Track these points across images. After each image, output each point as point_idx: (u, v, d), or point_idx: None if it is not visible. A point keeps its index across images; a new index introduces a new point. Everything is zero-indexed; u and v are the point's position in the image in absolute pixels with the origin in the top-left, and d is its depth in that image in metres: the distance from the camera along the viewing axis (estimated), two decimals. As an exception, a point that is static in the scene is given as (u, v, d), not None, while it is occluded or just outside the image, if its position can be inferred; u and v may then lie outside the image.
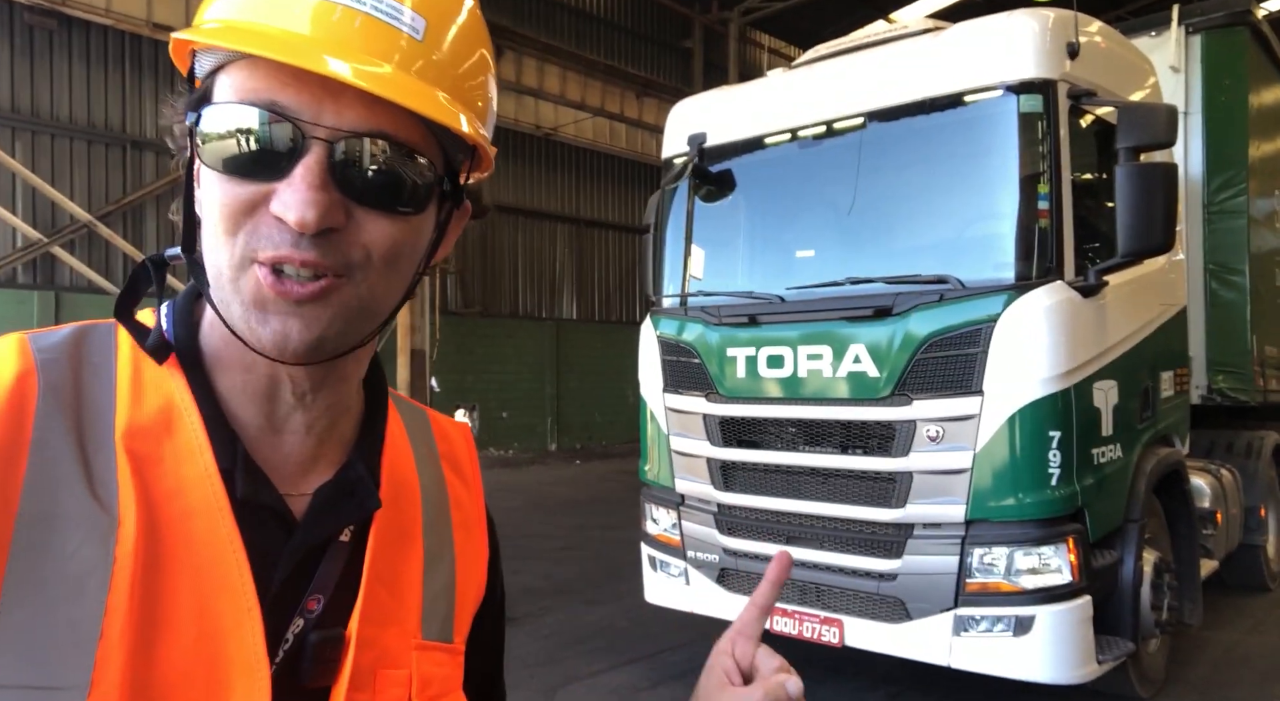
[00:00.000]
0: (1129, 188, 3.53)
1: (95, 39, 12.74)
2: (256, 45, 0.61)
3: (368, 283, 0.67)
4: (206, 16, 0.67)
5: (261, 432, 0.72)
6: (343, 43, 0.63)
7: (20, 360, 0.66)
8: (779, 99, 4.48)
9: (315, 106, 0.62)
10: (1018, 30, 3.71)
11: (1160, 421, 4.46)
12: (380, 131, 0.64)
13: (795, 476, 4.24)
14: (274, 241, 0.63)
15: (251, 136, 0.63)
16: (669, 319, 4.78)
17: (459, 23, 0.70)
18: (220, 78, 0.66)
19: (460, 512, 0.87)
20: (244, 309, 0.65)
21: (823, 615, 4.09)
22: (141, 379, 0.69)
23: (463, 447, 0.92)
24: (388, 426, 0.81)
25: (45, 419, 0.64)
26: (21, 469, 0.62)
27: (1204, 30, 5.80)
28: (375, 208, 0.65)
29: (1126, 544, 3.99)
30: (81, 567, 0.61)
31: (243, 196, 0.64)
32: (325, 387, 0.74)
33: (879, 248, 4.12)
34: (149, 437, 0.66)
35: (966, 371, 3.67)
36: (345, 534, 0.74)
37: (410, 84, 0.64)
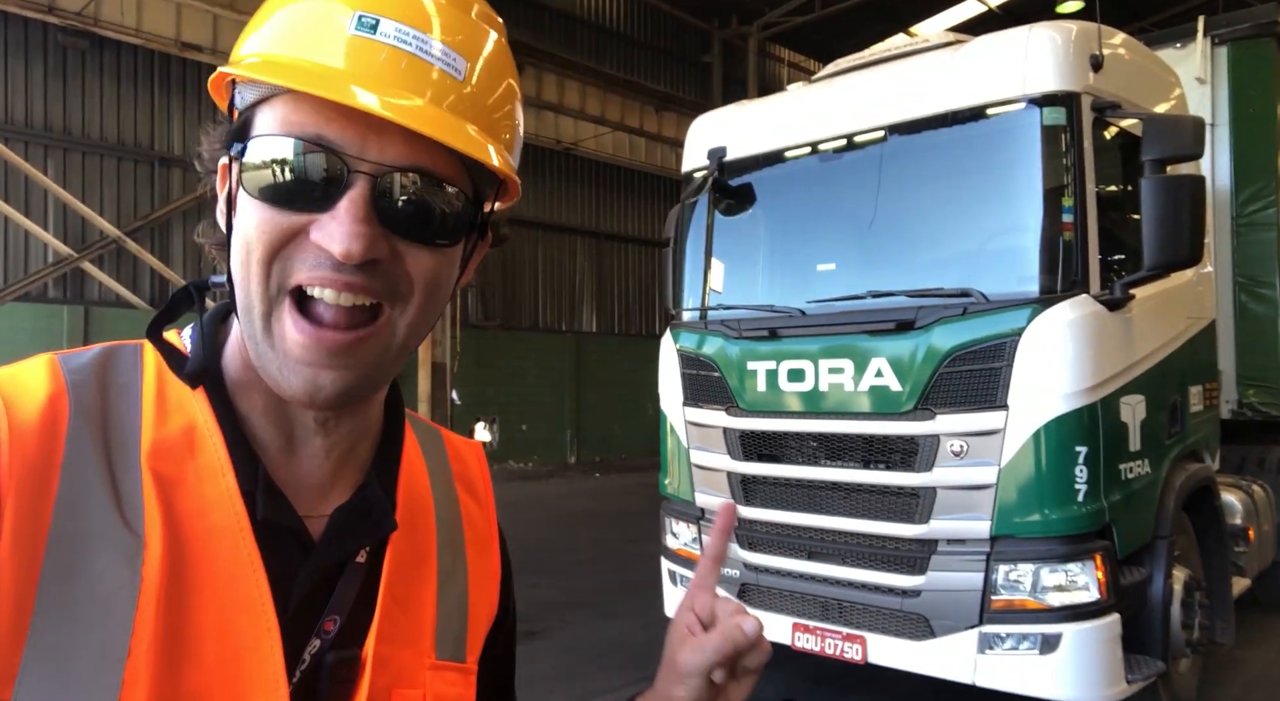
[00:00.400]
0: (1155, 200, 3.49)
1: (125, 58, 13.00)
2: (300, 81, 0.62)
3: (408, 316, 0.68)
4: (246, 50, 0.68)
5: (282, 454, 0.73)
6: (378, 78, 0.64)
7: (52, 381, 0.67)
8: (799, 113, 4.48)
9: (359, 141, 0.64)
10: (1040, 43, 3.69)
11: (1189, 436, 4.39)
12: (420, 166, 0.65)
13: (817, 491, 4.21)
14: (310, 264, 0.64)
15: (295, 168, 0.64)
16: (689, 332, 4.77)
17: (486, 55, 0.71)
18: (262, 111, 0.67)
19: (473, 531, 0.88)
20: (274, 353, 0.66)
21: (845, 631, 4.04)
22: (166, 400, 0.70)
23: (475, 467, 0.93)
24: (404, 447, 0.82)
25: (76, 439, 0.65)
26: (54, 490, 0.62)
27: (1230, 42, 5.74)
28: (415, 240, 0.66)
29: (1156, 561, 3.92)
30: (110, 588, 0.61)
31: (283, 225, 0.65)
32: (347, 414, 0.74)
33: (900, 261, 4.10)
34: (173, 458, 0.67)
35: (991, 386, 3.64)
36: (361, 555, 0.74)
37: (444, 119, 0.65)
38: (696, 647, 0.78)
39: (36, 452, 0.63)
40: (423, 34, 0.66)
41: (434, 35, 0.67)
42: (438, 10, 0.68)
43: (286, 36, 0.66)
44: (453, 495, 0.87)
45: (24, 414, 0.64)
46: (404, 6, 0.67)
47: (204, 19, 13.29)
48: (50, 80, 12.37)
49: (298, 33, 0.66)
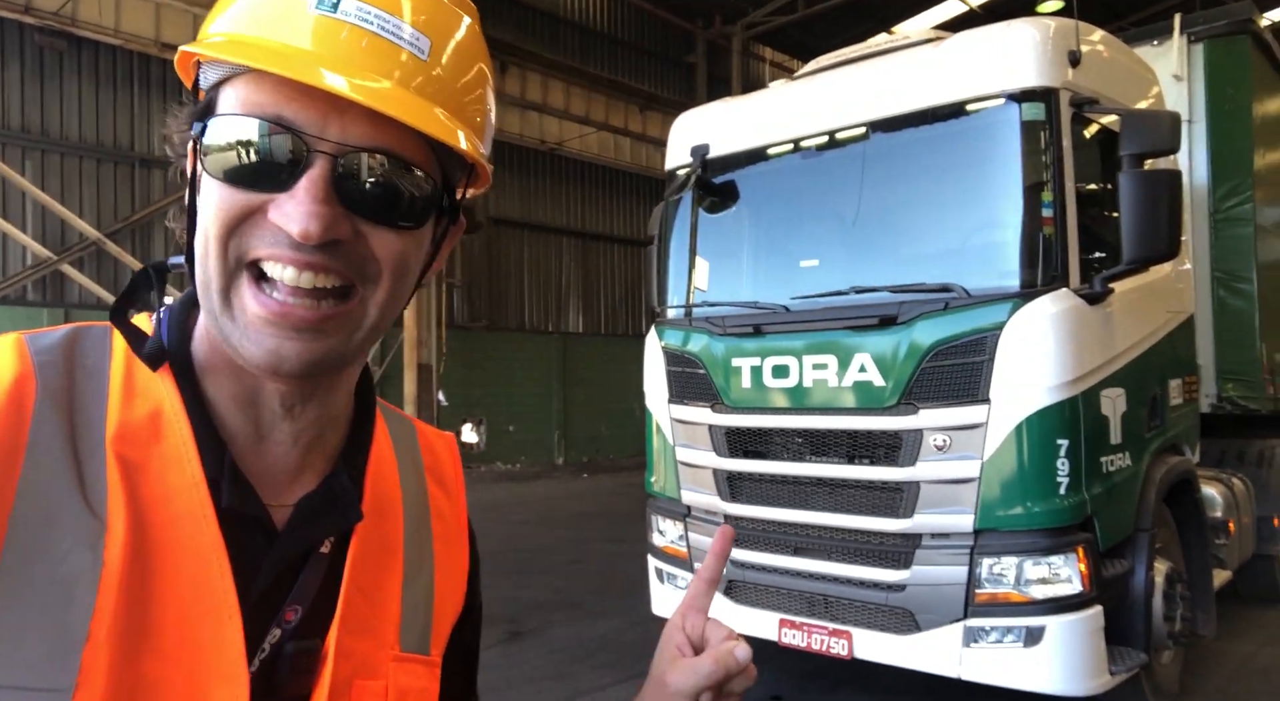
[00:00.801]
0: (1133, 195, 3.52)
1: (104, 59, 12.89)
2: (262, 60, 0.62)
3: (376, 299, 0.68)
4: (211, 30, 0.68)
5: (248, 441, 0.72)
6: (345, 59, 0.63)
7: (19, 362, 0.66)
8: (781, 110, 4.50)
9: (320, 121, 0.63)
10: (1019, 39, 3.72)
11: (1169, 429, 4.43)
12: (383, 147, 0.64)
13: (802, 487, 4.22)
14: (268, 242, 0.64)
15: (255, 148, 0.64)
16: (674, 330, 4.78)
17: (458, 39, 0.71)
18: (225, 90, 0.67)
19: (442, 525, 0.87)
20: (235, 327, 0.66)
21: (831, 627, 4.06)
22: (133, 384, 0.69)
23: (447, 459, 0.92)
24: (374, 437, 0.81)
25: (41, 422, 0.64)
26: (18, 472, 0.62)
27: (1206, 39, 5.79)
28: (378, 221, 0.66)
29: (1137, 553, 3.95)
30: (71, 571, 0.61)
31: (240, 203, 0.64)
32: (314, 399, 0.74)
33: (883, 257, 4.12)
34: (138, 443, 0.66)
35: (973, 380, 3.66)
36: (326, 545, 0.74)
37: (411, 101, 0.65)
38: (688, 670, 0.78)
39: (2, 435, 0.62)
40: (389, 15, 0.66)
41: (403, 18, 0.66)
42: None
43: (251, 16, 0.66)
44: (422, 487, 0.87)
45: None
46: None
47: (183, 19, 13.19)
48: (28, 81, 12.24)
49: (262, 13, 0.65)
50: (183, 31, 13.16)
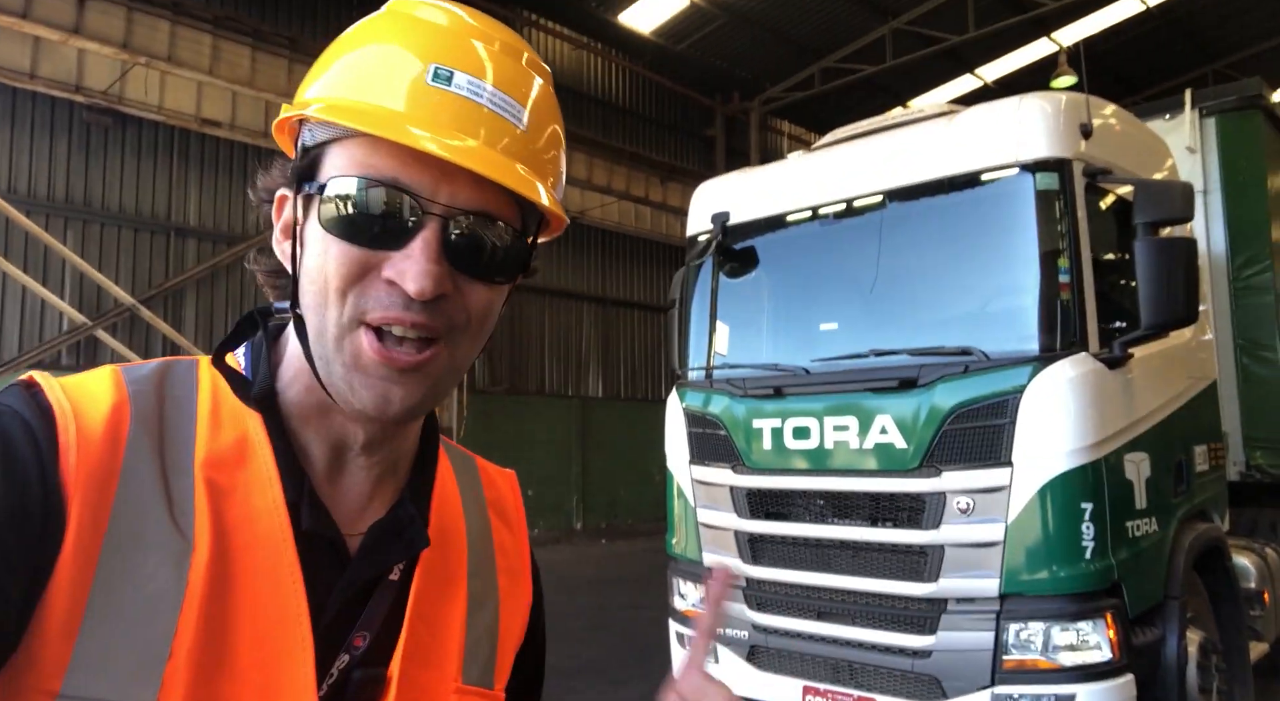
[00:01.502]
0: (1149, 262, 3.58)
1: (146, 134, 13.42)
2: (381, 127, 0.67)
3: (463, 346, 0.74)
4: (314, 93, 0.73)
5: (326, 472, 0.76)
6: (447, 125, 0.69)
7: (115, 391, 0.70)
8: (799, 179, 4.63)
9: (432, 185, 0.69)
10: (1032, 112, 3.84)
11: (1196, 496, 4.39)
12: (486, 210, 0.71)
13: (825, 549, 4.20)
14: (383, 303, 0.69)
15: (375, 208, 0.68)
16: (695, 391, 4.83)
17: (533, 100, 0.76)
18: (333, 150, 0.72)
19: (505, 559, 0.90)
20: (346, 370, 0.70)
21: (856, 694, 3.99)
22: (220, 413, 0.73)
23: (509, 495, 0.96)
24: (438, 470, 0.86)
25: (135, 446, 0.68)
26: (113, 493, 0.65)
27: (1217, 113, 5.93)
28: (477, 277, 0.72)
29: (1168, 621, 3.88)
30: (157, 589, 0.64)
31: (358, 260, 0.69)
32: (393, 438, 0.78)
33: (902, 320, 4.18)
34: (225, 467, 0.70)
35: (995, 442, 3.67)
36: (395, 572, 0.77)
37: (505, 164, 0.70)
38: None
39: (100, 458, 0.66)
40: (483, 82, 0.71)
41: (488, 81, 0.71)
42: (491, 58, 0.73)
43: (357, 81, 0.71)
44: (485, 521, 0.90)
45: (91, 421, 0.67)
46: (464, 55, 0.71)
47: (223, 96, 13.74)
48: (74, 155, 12.76)
49: (368, 78, 0.71)
50: (222, 108, 13.69)
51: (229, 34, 13.57)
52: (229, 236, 13.90)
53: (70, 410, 0.67)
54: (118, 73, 12.68)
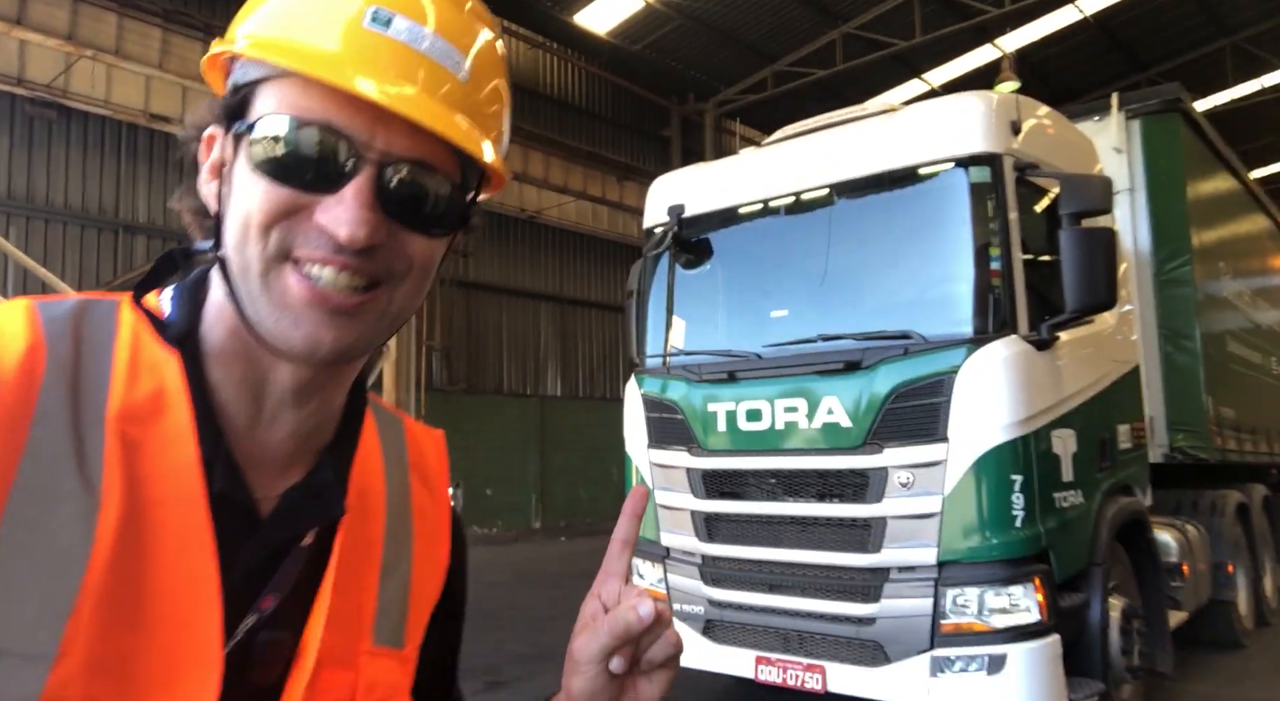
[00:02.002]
0: (1072, 250, 3.85)
1: (93, 128, 13.18)
2: (318, 68, 0.65)
3: (402, 291, 0.71)
4: (247, 29, 0.70)
5: (245, 428, 0.73)
6: (385, 69, 0.66)
7: (30, 331, 0.66)
8: (751, 173, 4.85)
9: (369, 130, 0.66)
10: (966, 110, 4.10)
11: (1120, 471, 4.69)
12: (423, 159, 0.68)
13: (776, 526, 4.41)
14: (313, 244, 0.67)
15: (306, 150, 0.66)
16: (652, 378, 5.01)
17: (477, 50, 0.74)
18: (265, 89, 0.69)
19: (423, 522, 0.88)
20: (273, 308, 0.67)
21: (806, 662, 4.20)
22: (138, 361, 0.69)
23: (433, 456, 0.93)
24: (362, 433, 0.83)
25: (49, 393, 0.65)
26: (23, 441, 0.63)
27: (1142, 116, 6.28)
28: (413, 227, 0.70)
29: (1092, 586, 4.16)
30: (64, 543, 0.62)
31: (286, 200, 0.66)
32: (322, 390, 0.75)
33: (848, 307, 4.40)
34: (138, 421, 0.67)
35: (932, 419, 3.91)
36: (309, 537, 0.74)
37: (443, 112, 0.68)
38: (591, 632, 0.74)
39: (11, 403, 0.63)
40: (423, 28, 0.69)
41: (429, 27, 0.69)
42: (433, 3, 0.71)
43: (291, 20, 0.68)
44: (405, 483, 0.87)
45: (4, 363, 0.64)
46: (421, 8, 0.70)
47: (173, 91, 13.53)
48: (16, 149, 12.49)
49: (303, 17, 0.68)
50: (172, 103, 13.50)
51: (179, 28, 13.38)
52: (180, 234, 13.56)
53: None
54: (62, 65, 12.44)
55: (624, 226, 19.89)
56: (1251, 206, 8.51)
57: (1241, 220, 8.17)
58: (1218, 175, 7.40)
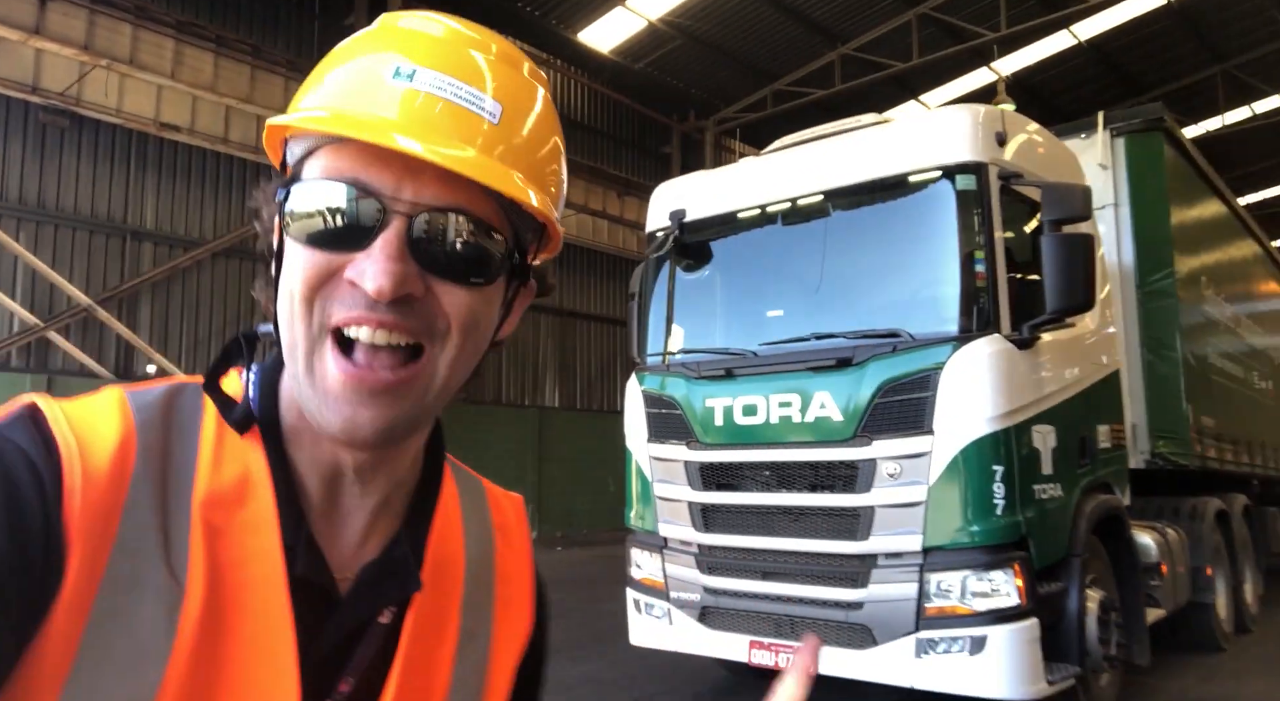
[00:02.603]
0: (1053, 254, 4.08)
1: (104, 136, 13.40)
2: (339, 126, 0.66)
3: (447, 355, 0.69)
4: (300, 106, 0.71)
5: (322, 507, 0.73)
6: (420, 125, 0.66)
7: (123, 423, 0.67)
8: (750, 180, 5.09)
9: (395, 183, 0.66)
10: (954, 121, 4.34)
11: (1099, 469, 4.90)
12: (456, 206, 0.67)
13: (769, 516, 4.60)
14: (346, 304, 0.66)
15: (334, 211, 0.66)
16: (652, 375, 5.22)
17: (535, 112, 0.75)
18: (309, 162, 0.70)
19: (506, 587, 0.87)
20: (314, 391, 0.67)
21: (796, 646, 4.38)
22: (223, 447, 0.70)
23: (514, 519, 0.93)
24: (440, 498, 0.82)
25: (138, 483, 0.65)
26: (113, 535, 0.63)
27: (1126, 134, 6.54)
28: (450, 278, 0.68)
29: (1070, 576, 4.36)
30: (147, 636, 0.62)
31: (321, 265, 0.67)
32: (386, 463, 0.75)
33: (841, 307, 4.63)
34: (223, 507, 0.68)
35: (919, 413, 4.12)
36: (385, 615, 0.74)
37: (485, 163, 0.67)
38: None
39: (104, 498, 0.63)
40: (463, 83, 0.69)
41: (480, 87, 0.70)
42: (489, 66, 0.72)
43: (333, 91, 0.70)
44: (490, 548, 0.86)
45: (97, 458, 0.64)
46: (452, 60, 0.70)
47: (183, 100, 13.78)
48: (28, 156, 12.71)
49: (343, 87, 0.69)
50: (182, 112, 13.76)
51: (191, 39, 13.66)
52: (186, 241, 13.89)
53: (76, 446, 0.64)
54: (75, 74, 12.70)
55: (624, 241, 20.16)
56: (1234, 225, 8.77)
57: (1224, 237, 8.43)
58: (1200, 192, 7.66)
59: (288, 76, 14.30)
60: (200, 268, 14.00)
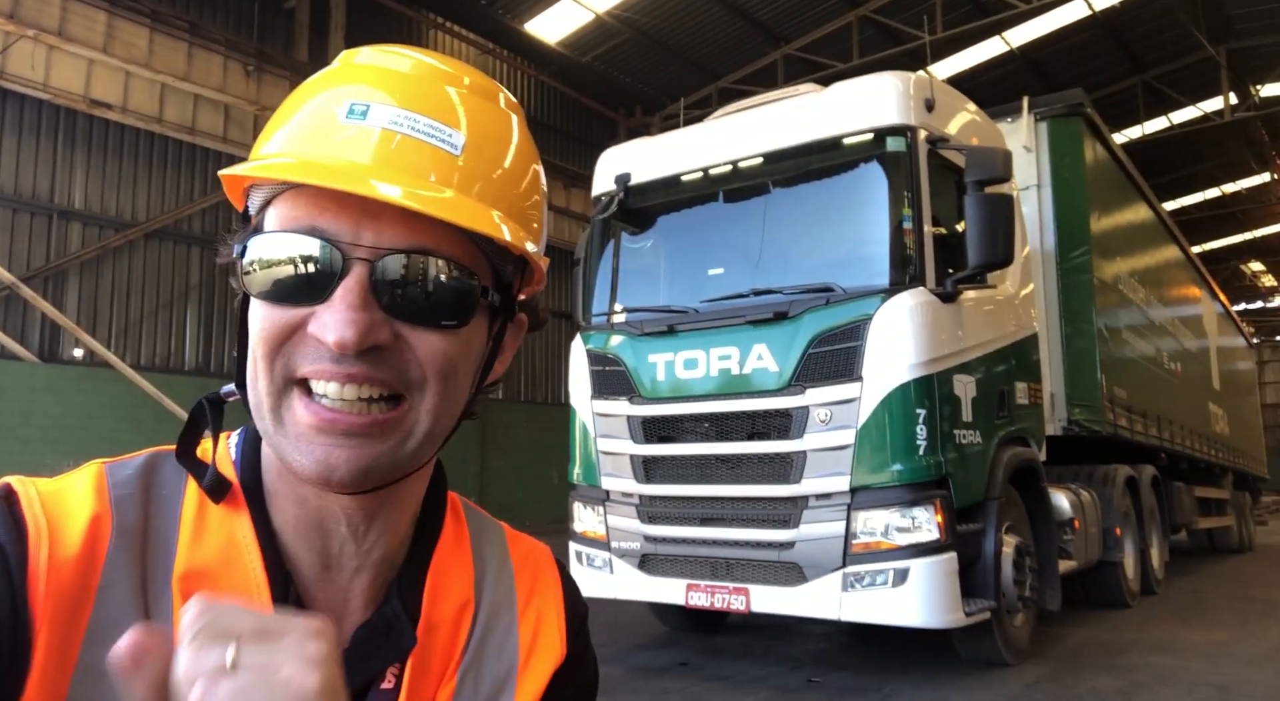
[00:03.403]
0: (975, 214, 4.35)
1: (30, 111, 12.98)
2: (298, 173, 0.61)
3: (428, 403, 0.65)
4: (259, 153, 0.67)
5: (314, 570, 0.70)
6: (389, 166, 0.62)
7: (97, 501, 0.65)
8: (693, 144, 5.27)
9: (354, 228, 0.62)
10: (885, 87, 4.58)
11: (1017, 422, 5.19)
12: (421, 247, 0.63)
13: (708, 465, 4.78)
14: (311, 359, 0.62)
15: (292, 262, 0.62)
16: (597, 334, 5.36)
17: (513, 144, 0.71)
18: (269, 211, 0.66)
19: (531, 621, 0.82)
20: (287, 440, 0.64)
21: (732, 586, 4.56)
22: (205, 516, 0.68)
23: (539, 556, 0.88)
24: (439, 544, 0.78)
25: (113, 563, 0.63)
26: (85, 620, 0.60)
27: (1049, 118, 6.91)
28: (419, 324, 0.64)
29: (988, 517, 4.63)
30: None
31: (282, 321, 0.63)
32: (380, 517, 0.71)
33: (778, 264, 4.83)
34: (206, 579, 0.65)
35: (849, 361, 4.34)
36: (389, 679, 0.70)
37: (460, 203, 0.63)
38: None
39: (74, 582, 0.61)
40: (435, 121, 0.65)
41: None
42: (461, 100, 0.68)
43: (289, 134, 0.65)
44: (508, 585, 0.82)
45: (66, 541, 0.62)
46: (419, 96, 0.66)
47: (115, 77, 13.39)
48: (-51, 131, 12.25)
49: (298, 130, 0.65)
50: (114, 89, 13.38)
51: (126, 13, 13.32)
52: (118, 222, 13.50)
53: (45, 528, 0.62)
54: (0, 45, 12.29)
55: (569, 233, 20.24)
56: (1149, 213, 9.30)
57: (1139, 224, 8.93)
58: (1116, 177, 8.12)
59: (226, 55, 14.05)
60: (133, 248, 13.63)
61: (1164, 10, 17.56)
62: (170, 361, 13.77)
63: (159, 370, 13.38)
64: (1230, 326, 14.21)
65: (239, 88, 14.28)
